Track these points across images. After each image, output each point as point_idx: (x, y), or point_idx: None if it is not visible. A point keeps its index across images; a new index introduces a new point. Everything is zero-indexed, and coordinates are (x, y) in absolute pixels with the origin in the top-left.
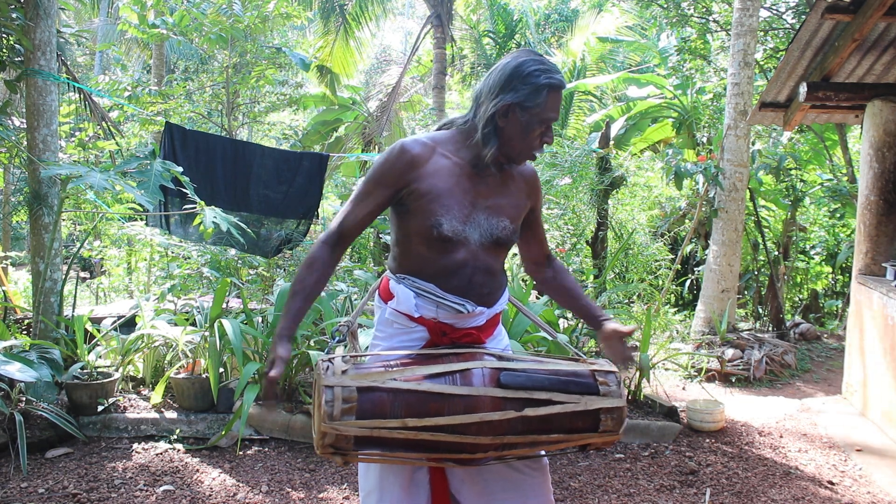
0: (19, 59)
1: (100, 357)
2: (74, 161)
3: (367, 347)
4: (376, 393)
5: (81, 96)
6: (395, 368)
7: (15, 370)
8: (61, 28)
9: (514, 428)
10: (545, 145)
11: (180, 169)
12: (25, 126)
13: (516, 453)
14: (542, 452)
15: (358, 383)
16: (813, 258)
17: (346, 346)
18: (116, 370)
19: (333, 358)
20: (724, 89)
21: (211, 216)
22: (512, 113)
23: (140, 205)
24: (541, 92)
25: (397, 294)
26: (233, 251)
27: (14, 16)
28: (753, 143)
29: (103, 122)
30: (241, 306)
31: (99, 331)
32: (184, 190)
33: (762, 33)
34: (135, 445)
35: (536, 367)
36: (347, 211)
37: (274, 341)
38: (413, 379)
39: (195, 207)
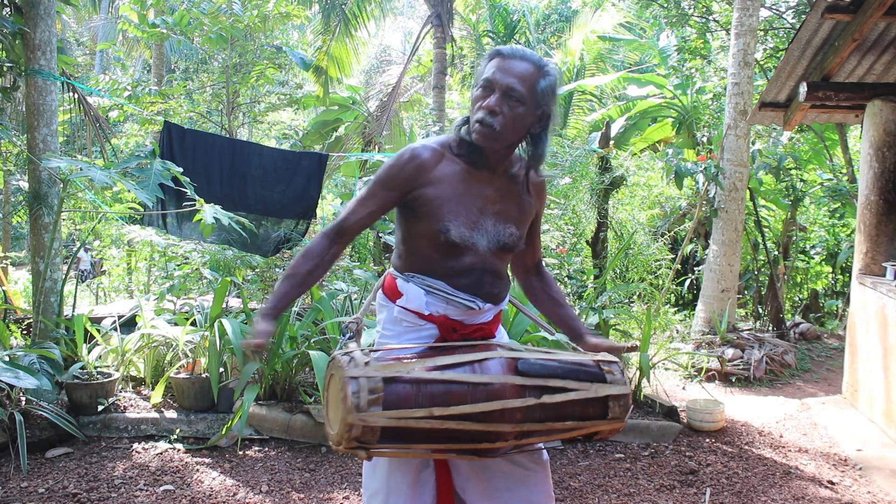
0: (11, 65)
1: (100, 357)
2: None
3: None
4: (400, 384)
5: (77, 97)
6: (414, 360)
7: (15, 378)
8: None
9: (533, 415)
10: (484, 112)
11: (180, 169)
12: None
13: (532, 441)
14: (542, 446)
15: (382, 374)
16: (813, 258)
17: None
18: (116, 370)
19: (351, 352)
20: (724, 89)
21: (211, 212)
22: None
23: (140, 203)
24: (484, 64)
25: (406, 292)
26: (230, 252)
27: (7, 23)
28: (753, 143)
29: (97, 125)
30: (241, 306)
31: (99, 331)
32: (181, 189)
33: (762, 33)
34: (135, 445)
35: (545, 357)
36: (351, 209)
37: (256, 318)
38: (434, 368)
39: (194, 206)
